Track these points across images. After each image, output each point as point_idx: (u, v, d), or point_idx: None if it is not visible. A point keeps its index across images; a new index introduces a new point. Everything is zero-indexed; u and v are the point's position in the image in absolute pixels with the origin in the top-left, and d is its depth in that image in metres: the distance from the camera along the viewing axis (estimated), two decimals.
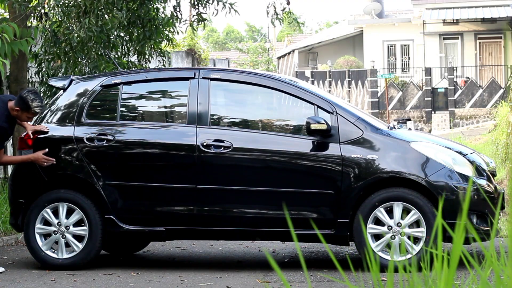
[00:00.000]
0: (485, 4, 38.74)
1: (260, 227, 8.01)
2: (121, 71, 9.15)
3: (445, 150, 8.00)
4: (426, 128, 36.27)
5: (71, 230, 8.34)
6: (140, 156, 8.28)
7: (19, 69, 12.49)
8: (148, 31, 12.53)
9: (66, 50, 11.61)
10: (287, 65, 47.38)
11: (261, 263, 8.70)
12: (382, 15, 43.29)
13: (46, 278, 7.90)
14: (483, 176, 8.01)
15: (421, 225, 7.73)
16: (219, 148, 8.09)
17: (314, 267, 8.20)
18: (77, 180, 8.37)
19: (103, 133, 8.37)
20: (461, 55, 39.81)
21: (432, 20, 39.09)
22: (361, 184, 7.83)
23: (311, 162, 7.96)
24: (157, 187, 8.21)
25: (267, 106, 8.64)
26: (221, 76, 8.40)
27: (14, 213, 8.55)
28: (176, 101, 8.56)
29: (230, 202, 8.06)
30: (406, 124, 29.23)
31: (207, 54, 26.66)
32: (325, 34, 48.46)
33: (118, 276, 7.96)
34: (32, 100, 8.22)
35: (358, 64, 40.99)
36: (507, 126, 17.45)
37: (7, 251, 9.93)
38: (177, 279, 7.75)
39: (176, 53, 23.67)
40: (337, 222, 7.87)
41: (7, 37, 9.77)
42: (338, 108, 8.07)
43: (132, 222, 8.24)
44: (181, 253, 9.58)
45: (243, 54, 57.69)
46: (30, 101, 8.22)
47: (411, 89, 37.30)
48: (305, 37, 55.47)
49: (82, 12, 11.33)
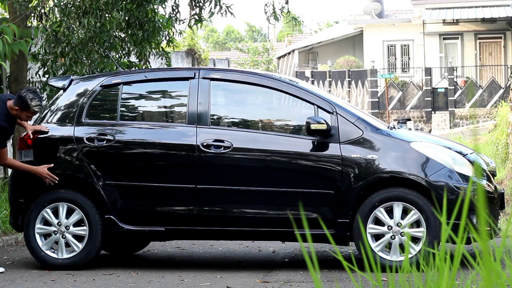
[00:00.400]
0: (485, 4, 38.75)
1: (260, 227, 8.01)
2: (121, 71, 9.15)
3: (445, 150, 8.00)
4: (426, 128, 36.27)
5: (71, 230, 8.34)
6: (140, 156, 8.28)
7: (19, 69, 12.49)
8: (146, 32, 12.54)
9: (67, 50, 11.61)
10: (287, 65, 47.37)
11: (261, 263, 8.70)
12: (382, 15, 43.30)
13: (46, 278, 7.90)
14: (483, 176, 8.01)
15: (421, 225, 7.73)
16: (219, 148, 8.09)
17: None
18: (77, 180, 8.37)
19: (103, 133, 8.37)
20: (461, 55, 39.82)
21: (432, 20, 39.10)
22: (361, 184, 7.83)
23: (311, 162, 7.96)
24: (157, 187, 8.20)
25: (267, 106, 8.64)
26: (221, 76, 8.40)
27: (14, 213, 8.55)
28: (176, 101, 8.56)
29: (230, 202, 8.06)
30: (406, 124, 29.24)
31: (207, 54, 26.67)
32: (325, 34, 48.46)
33: (118, 276, 7.96)
34: (31, 99, 8.21)
35: (358, 64, 41.00)
36: (507, 126, 17.45)
37: (7, 251, 9.93)
38: (177, 279, 7.75)
39: (176, 53, 23.67)
40: (337, 222, 7.87)
41: (8, 38, 9.77)
42: (338, 108, 8.07)
43: (132, 222, 8.24)
44: (181, 253, 9.58)
45: (243, 54, 57.68)
46: (29, 100, 8.21)
47: (411, 89, 37.30)
48: (305, 37, 55.49)
49: (82, 12, 11.33)
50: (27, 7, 11.60)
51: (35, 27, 11.59)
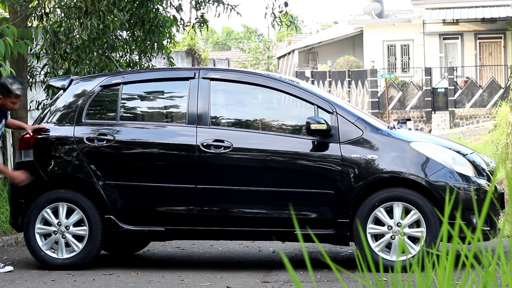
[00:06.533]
0: (485, 4, 38.75)
1: (260, 227, 8.01)
2: (121, 71, 9.15)
3: (445, 150, 8.00)
4: (426, 128, 36.27)
5: (71, 230, 8.34)
6: (140, 156, 8.28)
7: (19, 69, 12.48)
8: (149, 31, 12.53)
9: (67, 51, 11.61)
10: (287, 65, 47.37)
11: (261, 263, 8.70)
12: (382, 15, 43.29)
13: (46, 278, 7.90)
14: (483, 176, 8.01)
15: (421, 225, 7.73)
16: (219, 148, 8.09)
17: (314, 267, 8.20)
18: (77, 180, 8.37)
19: (103, 133, 8.37)
20: (461, 55, 39.81)
21: (432, 20, 39.09)
22: (361, 184, 7.83)
23: (311, 162, 7.96)
24: (157, 187, 8.20)
25: (267, 106, 8.63)
26: (221, 76, 8.40)
27: (14, 213, 8.55)
28: (176, 101, 8.56)
29: (230, 202, 8.06)
30: (406, 124, 29.24)
31: (207, 54, 26.64)
32: (325, 34, 48.46)
33: (118, 276, 7.96)
34: (11, 83, 8.26)
35: (358, 64, 41.00)
36: (507, 126, 17.46)
37: (7, 251, 9.93)
38: (177, 279, 7.75)
39: (176, 53, 23.65)
40: (337, 222, 7.87)
41: (10, 41, 9.77)
42: (338, 108, 8.07)
43: (132, 222, 8.24)
44: (181, 253, 9.58)
45: (243, 54, 57.68)
46: (9, 85, 8.24)
47: (411, 89, 37.30)
48: (305, 37, 55.48)
49: (83, 12, 11.33)
50: (27, 7, 11.59)
51: (35, 27, 11.59)
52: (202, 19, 13.29)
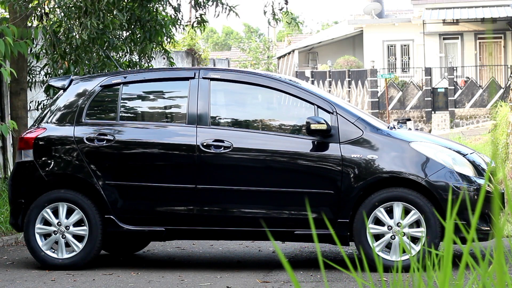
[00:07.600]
0: (485, 4, 38.75)
1: (260, 227, 8.01)
2: (121, 71, 9.15)
3: (445, 150, 8.00)
4: (426, 128, 36.27)
5: (71, 230, 8.34)
6: (140, 156, 8.28)
7: (19, 69, 12.49)
8: (148, 31, 12.54)
9: (67, 51, 11.61)
10: (287, 65, 47.38)
11: (261, 263, 8.70)
12: (382, 15, 43.29)
13: (46, 278, 7.90)
14: (483, 176, 8.01)
15: (421, 225, 7.73)
16: (219, 148, 8.09)
17: (314, 267, 8.20)
18: (77, 180, 8.37)
19: (103, 133, 8.37)
20: (461, 55, 39.82)
21: (432, 20, 39.09)
22: (361, 184, 7.83)
23: (311, 162, 7.96)
24: (157, 187, 8.20)
25: (267, 106, 8.63)
26: (221, 76, 8.40)
27: (14, 213, 8.55)
28: (176, 101, 8.56)
29: (230, 202, 8.06)
30: (406, 124, 29.23)
31: (207, 54, 26.64)
32: (325, 34, 48.46)
33: (118, 276, 7.96)
34: None
35: (358, 64, 41.00)
36: (507, 126, 17.46)
37: (7, 251, 9.93)
38: (177, 279, 7.75)
39: (176, 53, 23.66)
40: (337, 222, 7.88)
41: (10, 41, 9.77)
42: (338, 108, 8.08)
43: (132, 222, 8.24)
44: (181, 253, 9.58)
45: (243, 54, 57.68)
46: None
47: (411, 89, 37.30)
48: (305, 37, 55.49)
49: (82, 12, 11.33)
50: (27, 7, 11.59)
51: (35, 27, 11.59)
52: (201, 19, 13.30)
